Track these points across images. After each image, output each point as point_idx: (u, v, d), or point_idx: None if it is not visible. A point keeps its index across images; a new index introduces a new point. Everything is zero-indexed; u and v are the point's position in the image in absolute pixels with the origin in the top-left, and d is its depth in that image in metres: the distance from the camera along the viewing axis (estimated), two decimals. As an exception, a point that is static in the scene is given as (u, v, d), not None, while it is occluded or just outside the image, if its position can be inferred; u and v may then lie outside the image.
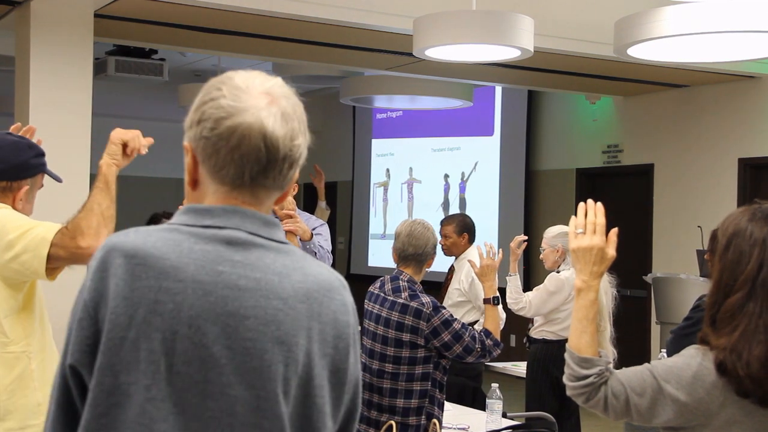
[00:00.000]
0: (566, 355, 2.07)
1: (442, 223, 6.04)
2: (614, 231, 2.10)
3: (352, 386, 1.43)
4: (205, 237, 1.36)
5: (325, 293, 1.39)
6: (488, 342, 3.73)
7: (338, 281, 1.43)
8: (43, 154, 2.65)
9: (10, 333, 2.46)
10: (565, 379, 2.07)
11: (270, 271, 1.36)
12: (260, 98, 1.38)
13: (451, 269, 5.94)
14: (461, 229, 5.94)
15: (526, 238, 5.43)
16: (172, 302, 1.31)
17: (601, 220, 2.10)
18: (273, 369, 1.32)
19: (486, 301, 3.85)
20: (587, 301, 2.07)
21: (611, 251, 2.09)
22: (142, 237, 1.36)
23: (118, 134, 2.41)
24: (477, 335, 3.71)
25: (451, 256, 5.94)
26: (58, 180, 2.71)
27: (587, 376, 2.01)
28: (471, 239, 5.97)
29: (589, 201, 2.13)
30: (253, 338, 1.32)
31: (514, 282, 5.23)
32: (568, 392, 2.06)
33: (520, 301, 5.17)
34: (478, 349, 3.70)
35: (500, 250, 4.02)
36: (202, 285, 1.32)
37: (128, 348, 1.30)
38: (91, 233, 2.36)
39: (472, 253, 5.77)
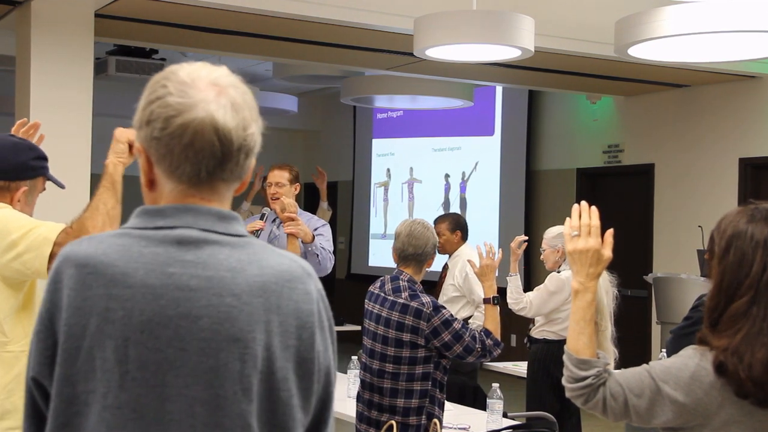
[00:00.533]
0: (564, 357, 2.06)
1: (436, 221, 6.15)
2: (610, 232, 2.09)
3: (323, 375, 1.40)
4: (156, 239, 1.35)
5: (284, 284, 1.36)
6: (488, 342, 3.73)
7: (301, 269, 1.40)
8: (44, 158, 2.65)
9: (9, 332, 2.46)
10: (563, 381, 2.07)
11: (223, 267, 1.34)
12: (208, 91, 1.35)
13: (445, 267, 6.03)
14: (454, 226, 6.08)
15: (527, 238, 5.44)
16: (122, 309, 1.31)
17: (596, 222, 2.10)
18: (230, 367, 1.31)
19: (486, 301, 3.85)
20: (584, 302, 2.07)
21: (607, 253, 2.08)
22: (93, 245, 1.36)
23: (124, 133, 2.39)
24: (477, 335, 3.71)
25: (444, 253, 6.03)
26: (61, 186, 2.70)
27: (585, 378, 2.01)
28: (464, 237, 6.05)
29: (583, 203, 2.13)
30: (207, 338, 1.31)
31: (514, 282, 5.23)
32: (567, 394, 2.06)
33: (521, 301, 5.17)
34: (479, 349, 3.70)
35: (500, 250, 4.02)
36: (152, 289, 1.31)
37: (84, 358, 1.31)
38: (96, 233, 2.36)
39: (466, 250, 5.80)
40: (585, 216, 2.11)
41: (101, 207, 2.38)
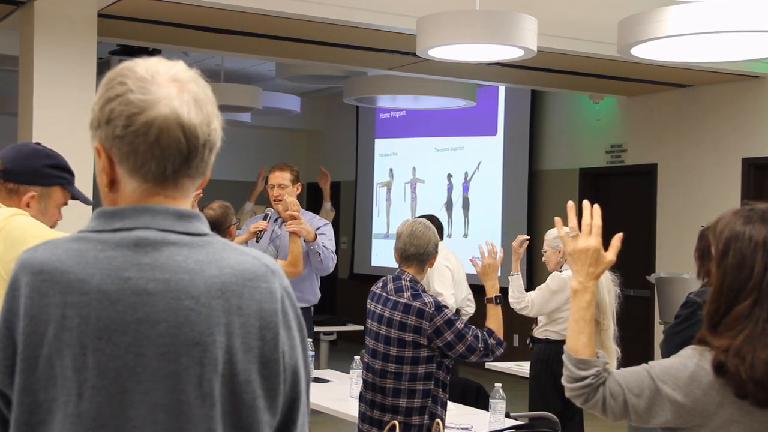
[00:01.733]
0: (564, 357, 2.06)
1: None
2: (618, 236, 2.06)
3: (289, 374, 1.37)
4: (112, 243, 1.32)
5: (245, 284, 1.33)
6: (491, 341, 3.73)
7: (264, 268, 1.36)
8: (63, 168, 2.61)
9: None
10: (563, 381, 2.07)
11: (180, 269, 1.31)
12: (169, 87, 1.32)
13: None
14: None
15: (528, 237, 5.44)
16: (78, 316, 1.28)
17: (597, 221, 2.08)
18: (190, 371, 1.29)
19: (488, 300, 3.85)
20: (584, 302, 2.07)
21: (610, 255, 2.07)
22: (49, 251, 1.33)
23: None
24: (480, 334, 3.71)
25: None
26: (86, 202, 2.66)
27: (585, 377, 2.01)
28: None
29: (585, 202, 2.11)
30: (166, 343, 1.29)
31: (516, 281, 5.23)
32: (567, 393, 2.06)
33: (522, 300, 5.17)
34: (481, 348, 3.69)
35: (501, 249, 4.02)
36: (107, 295, 1.29)
37: (43, 366, 1.29)
38: None
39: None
40: (586, 215, 2.09)
41: None
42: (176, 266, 1.31)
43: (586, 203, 2.11)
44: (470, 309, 6.30)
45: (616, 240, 2.07)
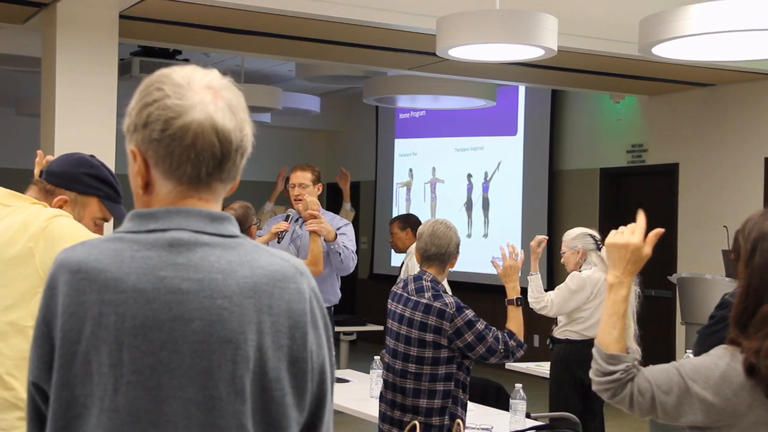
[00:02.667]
0: (593, 350, 2.06)
1: (390, 222, 6.97)
2: (656, 232, 2.07)
3: (317, 373, 1.41)
4: (147, 243, 1.37)
5: (275, 284, 1.38)
6: (511, 343, 3.72)
7: (293, 269, 1.41)
8: (104, 182, 2.60)
9: None
10: (591, 374, 2.07)
11: (214, 269, 1.36)
12: (204, 93, 1.38)
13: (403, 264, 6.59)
14: (404, 225, 6.64)
15: (547, 237, 5.43)
16: (115, 314, 1.33)
17: (641, 223, 2.08)
18: (223, 368, 1.33)
19: (509, 302, 3.84)
20: (619, 296, 2.07)
21: (647, 249, 2.07)
22: (86, 250, 1.38)
23: None
24: (501, 336, 3.70)
25: (399, 252, 6.76)
26: (119, 216, 2.63)
27: (614, 372, 2.00)
28: (415, 233, 6.30)
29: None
30: (200, 340, 1.33)
31: (535, 281, 5.21)
32: (594, 387, 2.06)
33: (542, 300, 5.16)
34: (501, 350, 3.69)
35: (521, 250, 4.01)
36: (143, 293, 1.33)
37: (80, 362, 1.34)
38: None
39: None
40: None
41: None
42: (209, 266, 1.36)
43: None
44: None
45: (653, 235, 2.07)
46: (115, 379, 1.31)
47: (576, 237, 5.17)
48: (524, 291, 4.10)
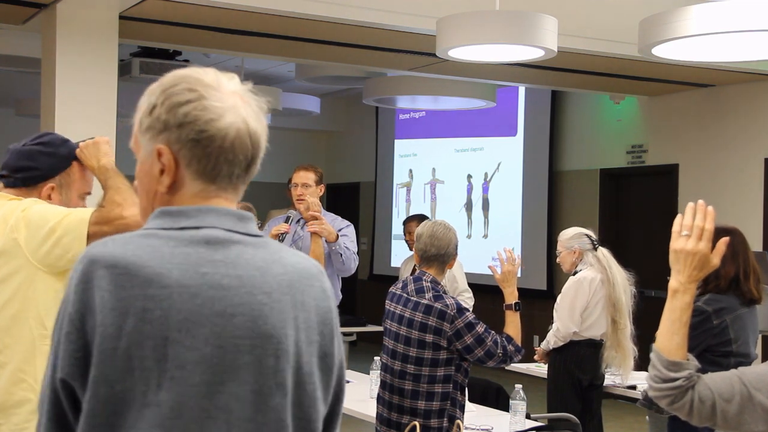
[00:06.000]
0: (653, 356, 2.03)
1: (405, 222, 7.19)
2: (723, 241, 2.03)
3: (337, 369, 1.47)
4: (183, 239, 1.37)
5: (305, 282, 1.43)
6: (510, 347, 3.73)
7: (315, 268, 1.46)
8: (61, 144, 2.65)
9: (49, 327, 2.49)
10: (649, 380, 2.04)
11: (251, 266, 1.38)
12: (234, 97, 1.42)
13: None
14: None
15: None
16: (160, 309, 1.32)
17: (710, 226, 2.03)
18: (264, 363, 1.36)
19: (508, 307, 3.85)
20: (683, 303, 2.03)
21: (716, 260, 2.02)
22: (120, 246, 1.36)
23: (104, 138, 2.62)
24: (499, 340, 3.71)
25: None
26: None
27: (676, 379, 1.98)
28: None
29: (700, 202, 2.05)
30: (243, 335, 1.35)
31: (543, 344, 5.25)
32: (651, 393, 2.04)
33: (554, 334, 5.14)
34: (500, 354, 3.69)
35: (519, 255, 3.99)
36: (187, 288, 1.34)
37: (121, 358, 1.32)
38: (128, 204, 2.43)
39: None
40: (699, 217, 2.04)
41: (121, 186, 2.48)
42: (246, 264, 1.38)
43: (701, 203, 2.05)
44: (471, 302, 6.38)
45: (722, 244, 2.03)
46: (159, 374, 1.31)
47: (572, 237, 5.16)
48: (524, 292, 4.10)
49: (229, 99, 1.40)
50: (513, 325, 3.80)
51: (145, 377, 1.31)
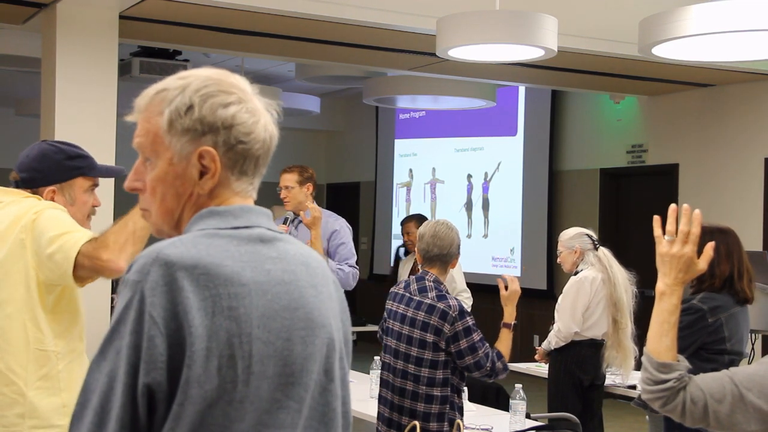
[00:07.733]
0: (644, 359, 2.04)
1: (403, 222, 7.13)
2: (710, 245, 2.04)
3: (347, 354, 1.54)
4: (243, 238, 1.40)
5: (327, 273, 1.51)
6: (498, 364, 3.73)
7: (322, 260, 1.55)
8: (77, 157, 2.64)
9: (45, 331, 2.49)
10: (641, 383, 2.05)
11: (296, 262, 1.44)
12: (257, 99, 1.46)
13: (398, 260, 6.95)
14: (421, 223, 6.78)
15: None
16: (243, 306, 1.35)
17: (696, 230, 2.04)
18: (321, 353, 1.42)
19: (505, 325, 3.85)
20: (670, 305, 2.04)
21: (702, 264, 2.04)
22: (192, 246, 1.35)
23: None
24: (491, 353, 3.71)
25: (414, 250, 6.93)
26: (114, 173, 2.70)
27: (666, 381, 1.99)
28: None
29: (685, 206, 2.06)
30: (304, 327, 1.41)
31: (544, 345, 5.24)
32: (644, 396, 2.04)
33: (553, 338, 5.14)
34: (488, 368, 3.69)
35: (521, 269, 3.99)
36: (261, 285, 1.38)
37: (211, 357, 1.32)
38: (116, 248, 2.38)
39: None
40: (684, 222, 2.04)
41: (130, 225, 2.41)
42: (292, 259, 1.44)
43: (686, 207, 2.06)
44: (469, 302, 6.37)
45: (709, 249, 2.04)
46: (242, 370, 1.34)
47: (573, 237, 5.16)
48: (524, 292, 4.09)
49: (257, 102, 1.44)
50: (505, 343, 3.81)
51: (233, 374, 1.33)
